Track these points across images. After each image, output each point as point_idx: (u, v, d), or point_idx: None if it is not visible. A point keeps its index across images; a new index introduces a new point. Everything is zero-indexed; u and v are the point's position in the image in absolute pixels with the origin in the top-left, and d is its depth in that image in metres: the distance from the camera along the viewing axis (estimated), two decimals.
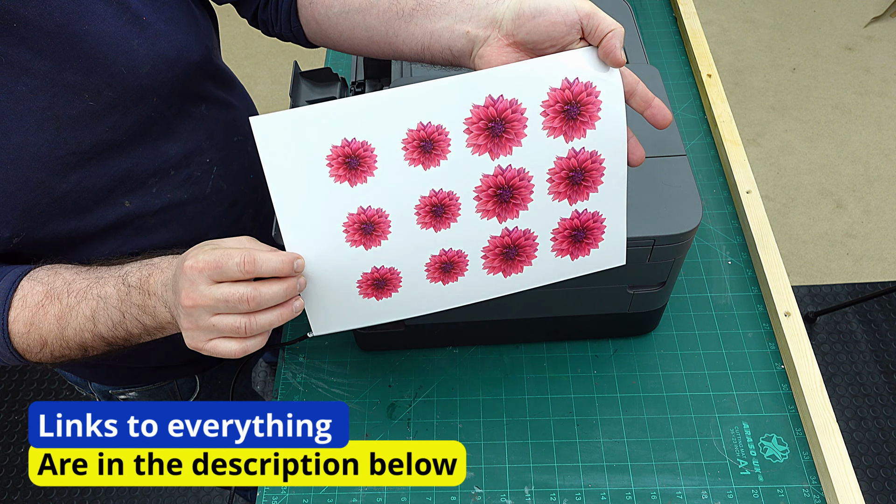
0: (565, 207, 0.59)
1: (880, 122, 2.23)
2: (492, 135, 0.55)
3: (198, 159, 0.71)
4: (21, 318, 0.58)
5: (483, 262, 0.60)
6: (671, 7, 1.21)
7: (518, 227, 0.59)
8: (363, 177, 0.54)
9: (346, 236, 0.56)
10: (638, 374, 0.80)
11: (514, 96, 0.54)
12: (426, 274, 0.59)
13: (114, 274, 0.58)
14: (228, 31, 2.71)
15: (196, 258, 0.50)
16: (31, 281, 0.59)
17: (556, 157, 0.56)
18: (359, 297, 0.59)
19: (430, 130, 0.54)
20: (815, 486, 0.72)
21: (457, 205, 0.57)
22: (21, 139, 0.57)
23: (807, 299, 1.85)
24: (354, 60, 0.86)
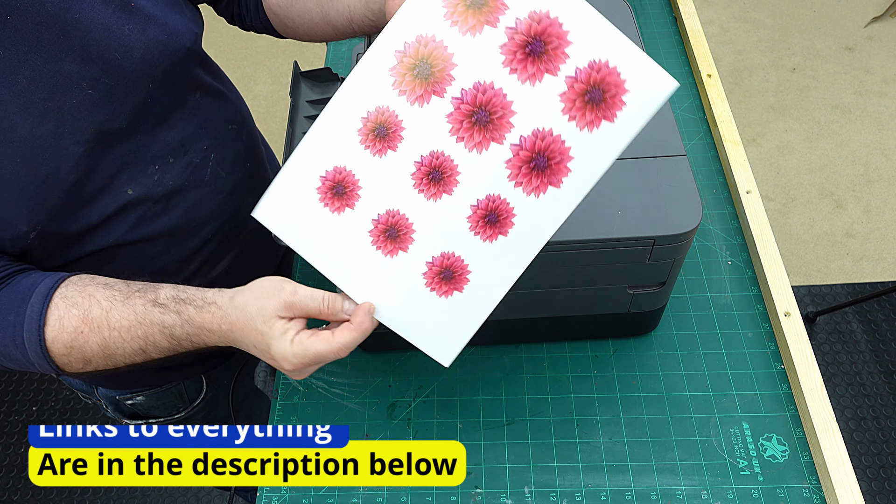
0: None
1: (880, 122, 2.23)
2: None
3: (195, 146, 0.72)
4: (60, 340, 0.58)
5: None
6: (671, 7, 1.21)
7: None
8: (351, 201, 0.57)
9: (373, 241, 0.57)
10: (638, 374, 0.80)
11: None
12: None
13: (156, 321, 0.59)
14: (228, 31, 2.72)
15: (290, 361, 0.56)
16: (64, 301, 0.59)
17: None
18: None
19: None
20: (815, 486, 0.72)
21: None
22: (27, 132, 0.58)
23: (807, 299, 1.85)
24: (354, 60, 0.86)
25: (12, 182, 0.58)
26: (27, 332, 0.58)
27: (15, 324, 0.58)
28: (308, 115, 0.77)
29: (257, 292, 0.57)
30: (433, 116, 0.54)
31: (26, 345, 0.58)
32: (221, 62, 2.77)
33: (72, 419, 1.74)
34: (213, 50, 0.86)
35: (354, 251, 0.58)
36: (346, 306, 0.57)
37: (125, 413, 0.90)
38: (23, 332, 0.58)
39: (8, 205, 0.59)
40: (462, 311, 0.58)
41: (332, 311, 0.56)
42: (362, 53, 0.83)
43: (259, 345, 0.57)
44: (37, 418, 1.74)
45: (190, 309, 0.58)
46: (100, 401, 0.89)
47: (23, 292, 0.59)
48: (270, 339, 0.56)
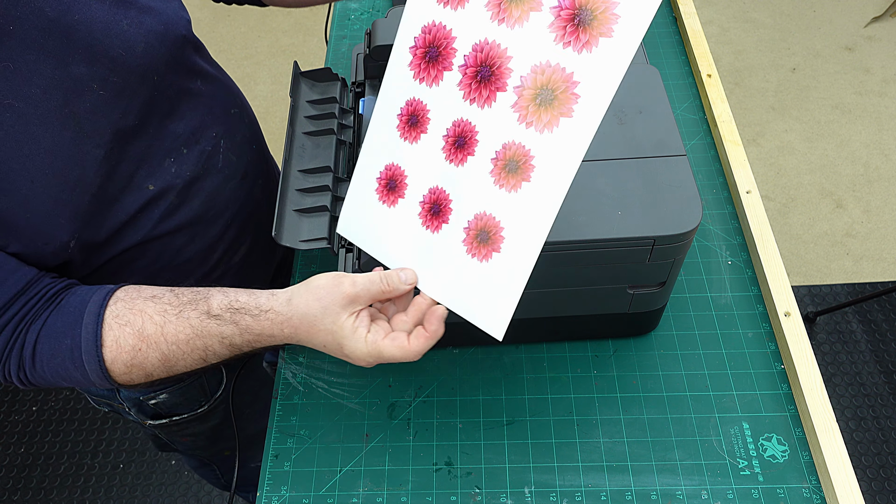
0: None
1: (880, 122, 2.23)
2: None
3: (205, 134, 0.73)
4: (120, 360, 0.59)
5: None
6: (671, 7, 1.21)
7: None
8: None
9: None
10: (638, 374, 0.80)
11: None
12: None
13: (213, 332, 0.59)
14: (228, 31, 2.73)
15: (364, 360, 0.58)
16: (117, 321, 0.59)
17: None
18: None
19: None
20: (815, 486, 0.72)
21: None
22: (50, 141, 0.58)
23: (807, 299, 1.85)
24: (354, 60, 0.86)
25: (46, 193, 0.58)
26: (86, 356, 0.58)
27: (72, 347, 0.58)
28: (308, 115, 0.77)
29: (315, 292, 0.57)
30: (448, 90, 0.57)
31: (86, 367, 0.59)
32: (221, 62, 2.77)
33: (72, 419, 1.74)
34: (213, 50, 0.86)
35: (409, 237, 0.60)
36: (403, 277, 0.58)
37: (148, 414, 0.90)
38: (81, 356, 0.58)
39: (46, 216, 0.59)
40: (503, 272, 0.56)
41: (392, 286, 0.58)
42: (362, 53, 0.84)
43: (330, 344, 0.58)
44: (37, 418, 1.75)
45: (246, 318, 0.59)
46: (122, 404, 0.88)
47: (73, 314, 0.59)
48: (342, 339, 0.57)
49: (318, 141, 0.75)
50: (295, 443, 0.77)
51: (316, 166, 0.71)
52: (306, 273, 0.91)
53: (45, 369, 0.59)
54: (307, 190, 0.70)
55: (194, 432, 0.95)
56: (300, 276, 0.90)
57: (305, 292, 0.58)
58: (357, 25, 1.23)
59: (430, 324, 0.58)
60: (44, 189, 0.58)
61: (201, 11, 2.69)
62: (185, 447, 1.00)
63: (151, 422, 0.91)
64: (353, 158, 0.76)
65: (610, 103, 0.51)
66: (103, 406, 0.92)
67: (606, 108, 0.51)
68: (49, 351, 0.58)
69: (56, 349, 0.58)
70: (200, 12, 2.68)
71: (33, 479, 1.66)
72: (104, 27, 0.61)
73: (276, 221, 0.66)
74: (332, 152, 0.73)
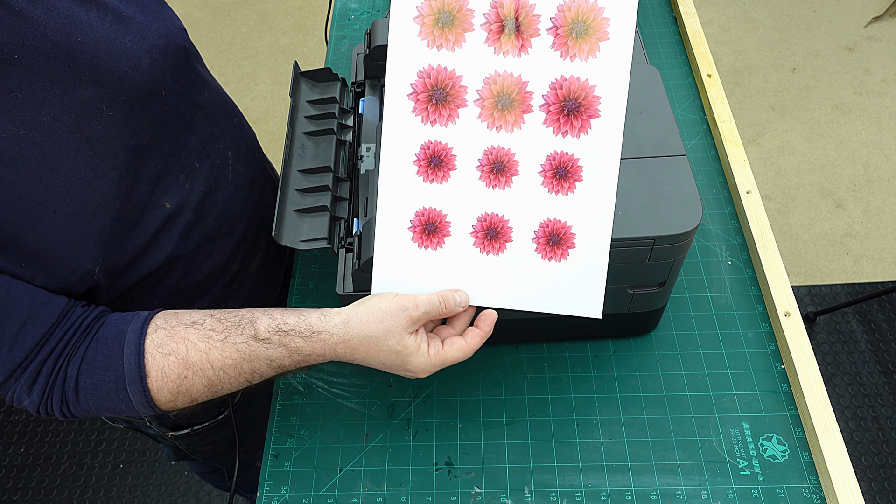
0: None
1: (880, 122, 2.23)
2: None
3: (214, 147, 0.73)
4: (166, 389, 0.59)
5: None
6: (671, 7, 1.21)
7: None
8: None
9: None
10: (638, 374, 0.80)
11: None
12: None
13: (262, 356, 0.60)
14: (228, 32, 2.72)
15: (428, 371, 0.62)
16: (159, 350, 0.59)
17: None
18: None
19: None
20: (815, 486, 0.72)
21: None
22: (67, 169, 0.57)
23: (807, 299, 1.85)
24: (354, 60, 0.86)
25: (68, 222, 0.58)
26: (130, 388, 0.58)
27: (116, 380, 0.58)
28: (308, 115, 0.77)
29: (376, 314, 0.59)
30: (468, 125, 0.60)
31: (132, 398, 0.59)
32: (221, 62, 2.78)
33: (72, 419, 1.74)
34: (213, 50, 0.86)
35: (468, 266, 0.63)
36: (458, 298, 0.62)
37: (168, 425, 0.89)
38: (126, 388, 0.58)
39: (70, 246, 0.58)
40: (584, 262, 0.62)
41: (449, 307, 0.61)
42: (362, 53, 0.84)
43: (392, 362, 0.60)
44: (37, 418, 1.74)
45: (297, 340, 0.59)
46: (142, 419, 0.87)
47: (112, 346, 0.59)
48: (407, 357, 0.60)
49: (318, 141, 0.75)
50: (295, 443, 0.77)
51: (316, 166, 0.71)
52: (306, 273, 0.91)
53: (90, 402, 0.59)
54: (307, 190, 0.70)
55: (215, 440, 0.95)
56: (300, 275, 0.90)
57: (365, 315, 0.60)
58: (357, 25, 1.23)
59: (484, 325, 0.62)
60: (66, 218, 0.57)
61: (201, 11, 2.69)
62: (205, 456, 0.99)
63: (173, 433, 0.90)
64: (354, 158, 0.76)
65: (628, 93, 0.58)
66: (119, 423, 0.91)
67: (626, 98, 0.58)
68: (92, 384, 0.58)
69: (99, 382, 0.58)
70: (200, 12, 2.68)
71: (33, 479, 1.66)
72: (108, 47, 0.60)
73: (276, 221, 0.66)
74: (332, 152, 0.73)
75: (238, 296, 0.81)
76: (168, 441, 0.94)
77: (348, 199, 0.72)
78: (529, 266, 0.62)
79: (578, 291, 0.63)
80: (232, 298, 0.81)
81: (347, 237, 0.69)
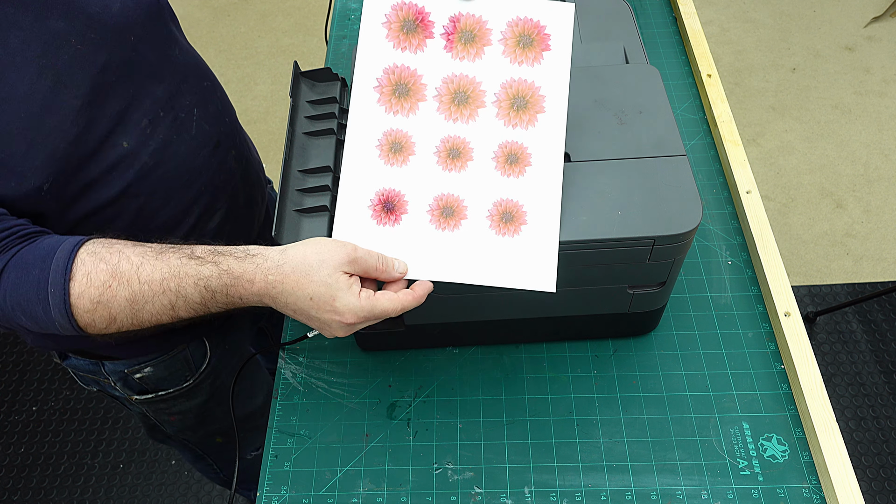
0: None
1: (880, 122, 2.23)
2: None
3: (180, 101, 0.75)
4: (87, 296, 0.58)
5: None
6: (671, 7, 1.21)
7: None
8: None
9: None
10: (638, 374, 0.80)
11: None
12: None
13: (191, 273, 0.59)
14: (228, 32, 2.72)
15: (355, 314, 0.60)
16: (91, 256, 0.59)
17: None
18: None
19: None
20: (815, 486, 0.72)
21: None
22: (27, 87, 0.60)
23: (807, 299, 1.85)
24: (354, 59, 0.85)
25: (21, 136, 0.60)
26: (52, 286, 0.57)
27: (39, 279, 0.58)
28: (308, 115, 0.77)
29: (314, 247, 0.60)
30: (427, 116, 0.68)
31: (50, 300, 0.58)
32: (221, 62, 2.78)
33: (72, 419, 1.74)
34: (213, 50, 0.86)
35: (424, 243, 0.66)
36: (398, 265, 0.63)
37: (133, 389, 0.90)
38: (47, 287, 0.57)
39: (20, 157, 0.60)
40: (536, 237, 0.66)
41: (386, 269, 0.62)
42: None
43: (320, 297, 0.59)
44: (37, 418, 1.75)
45: (229, 259, 0.59)
46: (107, 378, 0.89)
47: (46, 249, 0.59)
48: (337, 291, 0.59)
49: (318, 141, 0.75)
50: (295, 443, 0.77)
51: (316, 166, 0.71)
52: None
53: (7, 299, 0.58)
54: (307, 190, 0.70)
55: (181, 410, 0.96)
56: None
57: (304, 245, 0.60)
58: (357, 25, 1.23)
59: (419, 288, 0.62)
60: (19, 131, 0.60)
61: (201, 11, 2.69)
62: (174, 428, 1.00)
63: (138, 397, 0.91)
64: None
65: (568, 92, 0.68)
66: (91, 385, 0.92)
67: (567, 96, 0.68)
68: (14, 281, 0.58)
69: (22, 280, 0.58)
70: (200, 12, 2.68)
71: (33, 479, 1.66)
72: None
73: (276, 221, 0.66)
74: (332, 152, 0.73)
75: None
76: (134, 406, 0.95)
77: None
78: (484, 241, 0.66)
79: (532, 265, 0.66)
80: None
81: None
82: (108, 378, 0.88)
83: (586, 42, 0.84)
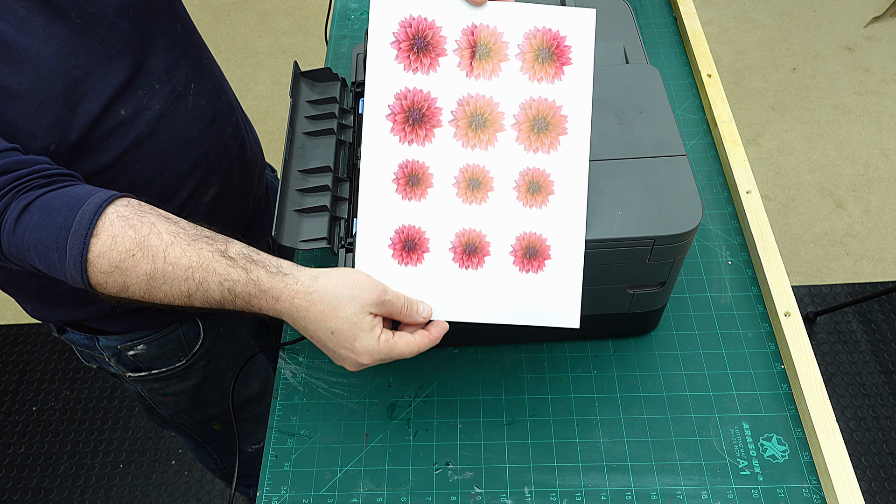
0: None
1: (880, 122, 2.23)
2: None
3: (177, 76, 0.77)
4: (107, 258, 0.57)
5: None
6: (671, 7, 1.21)
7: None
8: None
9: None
10: (638, 374, 0.80)
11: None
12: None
13: (219, 270, 0.58)
14: (228, 32, 2.73)
15: (372, 356, 0.60)
16: (121, 220, 0.58)
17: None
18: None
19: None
20: (815, 486, 0.72)
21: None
22: (36, 52, 0.62)
23: (807, 299, 1.85)
24: (354, 60, 0.86)
25: (32, 97, 0.62)
26: (72, 237, 0.57)
27: (62, 226, 0.57)
28: (308, 115, 0.77)
29: (347, 281, 0.59)
30: (444, 144, 0.63)
31: (67, 250, 0.57)
32: (221, 62, 2.78)
33: (72, 419, 1.74)
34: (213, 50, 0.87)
35: (447, 281, 0.64)
36: (422, 310, 0.63)
37: (127, 366, 0.90)
38: (68, 236, 0.57)
39: (30, 116, 0.63)
40: (560, 272, 0.64)
41: (410, 314, 0.62)
42: (362, 53, 0.84)
43: (342, 333, 0.59)
44: (37, 418, 1.75)
45: (260, 271, 0.59)
46: (101, 354, 0.89)
47: (75, 198, 0.58)
48: (360, 332, 0.59)
49: (318, 141, 0.75)
50: (295, 443, 0.77)
51: (316, 166, 0.71)
52: None
53: (25, 239, 0.58)
54: (307, 190, 0.70)
55: (175, 391, 0.96)
56: None
57: (335, 277, 0.60)
58: (357, 25, 1.23)
59: (435, 329, 0.63)
60: (30, 92, 0.62)
61: (201, 12, 2.69)
62: (169, 411, 1.01)
63: (132, 374, 0.91)
64: (353, 158, 0.76)
65: (591, 112, 0.63)
66: (91, 361, 0.93)
67: (590, 117, 0.63)
68: (37, 222, 0.57)
69: (44, 222, 0.57)
70: (200, 12, 2.68)
71: (33, 479, 1.66)
72: None
73: (276, 221, 0.66)
74: (332, 152, 0.73)
75: None
76: (130, 385, 0.95)
77: (348, 199, 0.72)
78: (507, 279, 0.64)
79: (556, 302, 0.65)
80: None
81: (347, 237, 0.69)
82: (102, 353, 0.89)
83: None
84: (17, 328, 1.90)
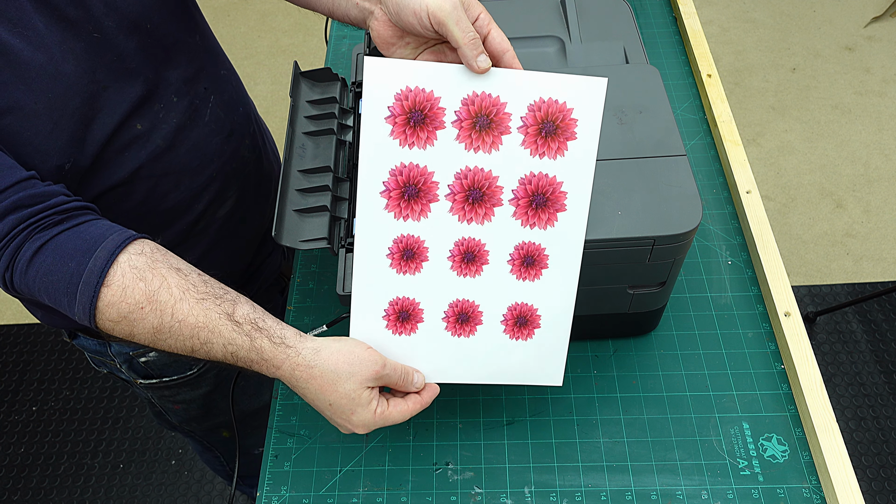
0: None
1: (880, 122, 2.23)
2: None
3: (195, 88, 0.76)
4: (116, 308, 0.58)
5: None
6: (671, 7, 1.21)
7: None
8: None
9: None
10: (638, 374, 0.80)
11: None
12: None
13: (224, 334, 0.59)
14: (228, 32, 2.72)
15: (367, 427, 0.63)
16: (133, 271, 0.58)
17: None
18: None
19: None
20: (815, 486, 0.72)
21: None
22: (53, 69, 0.62)
23: (807, 299, 1.85)
24: (354, 60, 0.86)
25: (47, 115, 0.62)
26: (83, 285, 0.57)
27: (74, 272, 0.57)
28: (308, 115, 0.77)
29: (348, 356, 0.61)
30: (440, 218, 0.62)
31: (77, 297, 0.57)
32: None
33: (72, 419, 1.74)
34: None
35: (439, 348, 0.66)
36: (416, 379, 0.65)
37: (138, 373, 0.90)
38: (79, 283, 0.57)
39: (45, 136, 0.62)
40: (548, 338, 0.66)
41: (405, 383, 0.64)
42: (362, 54, 0.84)
43: (340, 407, 0.61)
44: (37, 418, 1.75)
45: (264, 341, 0.59)
46: (113, 360, 0.89)
47: (89, 241, 0.58)
48: (357, 407, 0.61)
49: (318, 141, 0.75)
50: (295, 443, 0.77)
51: (316, 166, 0.71)
52: (306, 273, 0.91)
53: (36, 281, 0.58)
54: (307, 190, 0.70)
55: (186, 399, 0.96)
56: (300, 275, 0.90)
57: (338, 352, 0.61)
58: None
59: (426, 393, 0.65)
60: (45, 111, 0.62)
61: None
62: (178, 418, 1.00)
63: (142, 381, 0.91)
64: (353, 158, 0.76)
65: (591, 190, 0.61)
66: (101, 366, 0.93)
67: (590, 193, 0.61)
68: (50, 265, 0.57)
69: (55, 266, 0.57)
70: None
71: (33, 479, 1.66)
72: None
73: (276, 221, 0.66)
74: (332, 152, 0.73)
75: (203, 239, 0.83)
76: (140, 391, 0.95)
77: (348, 199, 0.72)
78: (498, 346, 0.66)
79: (542, 365, 0.67)
80: (196, 239, 0.82)
81: (347, 237, 0.69)
82: (114, 360, 0.89)
83: (586, 42, 0.84)
84: (17, 328, 1.90)
